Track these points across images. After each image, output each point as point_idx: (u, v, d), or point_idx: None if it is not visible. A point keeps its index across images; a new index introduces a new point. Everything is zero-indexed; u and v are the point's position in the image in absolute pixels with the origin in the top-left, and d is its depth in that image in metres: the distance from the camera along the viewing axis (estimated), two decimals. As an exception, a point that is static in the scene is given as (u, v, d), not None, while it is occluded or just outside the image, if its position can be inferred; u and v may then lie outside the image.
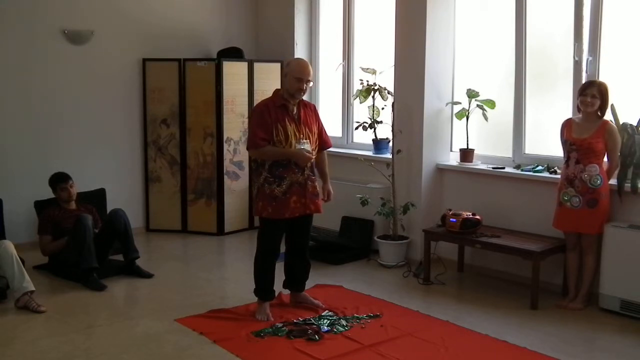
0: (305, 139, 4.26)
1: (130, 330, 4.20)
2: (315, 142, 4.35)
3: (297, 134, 4.23)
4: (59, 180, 5.38)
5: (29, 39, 5.88)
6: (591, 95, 4.40)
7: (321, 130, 4.46)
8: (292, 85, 4.24)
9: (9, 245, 4.62)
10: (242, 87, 6.58)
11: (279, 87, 4.51)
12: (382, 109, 5.83)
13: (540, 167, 5.03)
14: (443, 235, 5.10)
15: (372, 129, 5.90)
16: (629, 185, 4.40)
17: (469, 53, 5.62)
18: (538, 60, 5.18)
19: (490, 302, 4.69)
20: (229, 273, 5.59)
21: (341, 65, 6.59)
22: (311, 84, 4.33)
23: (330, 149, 4.64)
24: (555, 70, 5.12)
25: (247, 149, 4.35)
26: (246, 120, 6.48)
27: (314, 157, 4.31)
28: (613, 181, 4.49)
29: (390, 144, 5.78)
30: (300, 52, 6.76)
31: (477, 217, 4.99)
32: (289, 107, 4.27)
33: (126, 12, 6.39)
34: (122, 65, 6.44)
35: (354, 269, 5.54)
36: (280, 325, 4.21)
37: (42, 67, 5.97)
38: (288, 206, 4.24)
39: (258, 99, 6.04)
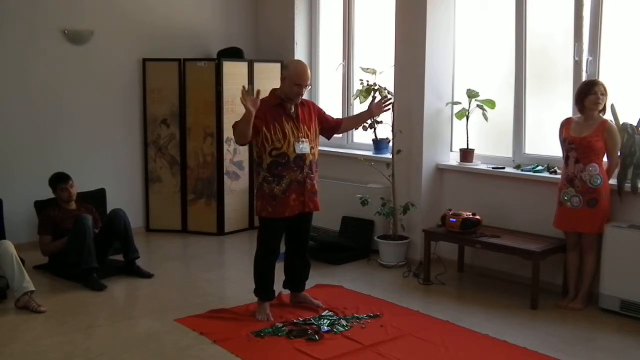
0: (305, 137, 4.26)
1: (130, 330, 4.20)
2: (315, 141, 4.35)
3: (295, 132, 4.23)
4: (59, 181, 5.37)
5: (29, 39, 5.88)
6: (600, 92, 4.40)
7: (326, 118, 4.49)
8: (291, 91, 4.23)
9: (9, 245, 4.61)
10: (242, 87, 6.57)
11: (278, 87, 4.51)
12: (382, 108, 5.83)
13: (540, 167, 5.02)
14: (443, 235, 5.10)
15: (372, 129, 5.90)
16: (629, 185, 4.40)
17: (469, 53, 5.62)
18: (538, 60, 5.18)
19: (490, 302, 4.69)
20: (229, 273, 5.59)
21: (341, 65, 6.59)
22: (310, 86, 4.34)
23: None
24: (555, 70, 5.12)
25: (236, 142, 4.39)
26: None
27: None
28: (613, 181, 4.49)
29: (390, 144, 5.78)
30: (300, 52, 6.76)
31: (477, 217, 4.99)
32: (286, 106, 4.27)
33: (126, 12, 6.39)
34: (122, 65, 6.44)
35: (354, 269, 5.53)
36: (280, 325, 4.20)
37: (42, 67, 5.97)
38: (287, 204, 4.23)
39: (258, 99, 6.03)
